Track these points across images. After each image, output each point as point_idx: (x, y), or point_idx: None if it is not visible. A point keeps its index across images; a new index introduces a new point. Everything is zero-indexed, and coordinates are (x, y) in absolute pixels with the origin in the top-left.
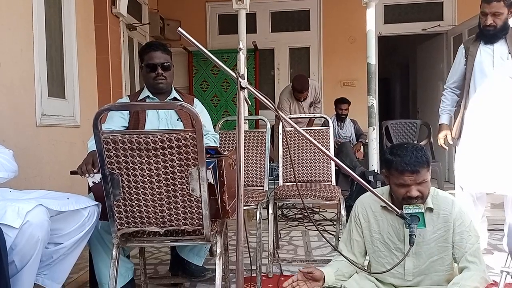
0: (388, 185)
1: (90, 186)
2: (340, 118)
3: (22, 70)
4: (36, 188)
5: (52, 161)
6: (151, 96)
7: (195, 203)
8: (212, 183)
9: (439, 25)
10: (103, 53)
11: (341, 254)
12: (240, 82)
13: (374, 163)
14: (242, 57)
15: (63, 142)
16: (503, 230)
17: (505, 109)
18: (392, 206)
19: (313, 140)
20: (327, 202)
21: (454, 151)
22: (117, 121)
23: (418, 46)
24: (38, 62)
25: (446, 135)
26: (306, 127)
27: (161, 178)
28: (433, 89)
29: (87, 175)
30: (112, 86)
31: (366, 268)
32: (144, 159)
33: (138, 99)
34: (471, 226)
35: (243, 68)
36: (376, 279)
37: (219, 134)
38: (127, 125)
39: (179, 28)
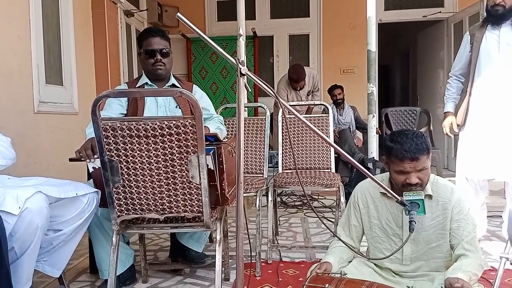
0: (388, 172)
1: (91, 171)
2: (338, 104)
3: (19, 56)
4: (34, 175)
5: (50, 148)
6: (149, 83)
7: (194, 190)
8: (212, 169)
9: (439, 12)
10: (101, 39)
11: (341, 240)
12: (240, 68)
13: (374, 151)
14: (242, 43)
15: (61, 129)
16: (501, 216)
17: (510, 95)
18: (392, 193)
19: (313, 126)
20: (327, 189)
21: (454, 138)
22: (115, 108)
23: (418, 33)
24: (35, 49)
25: (451, 123)
26: (305, 115)
27: (161, 165)
28: (433, 76)
29: (87, 160)
30: (110, 73)
31: (364, 254)
32: (143, 146)
33: (137, 86)
34: (469, 214)
35: (243, 55)
36: (375, 264)
37: None
38: (125, 113)
39: (178, 14)
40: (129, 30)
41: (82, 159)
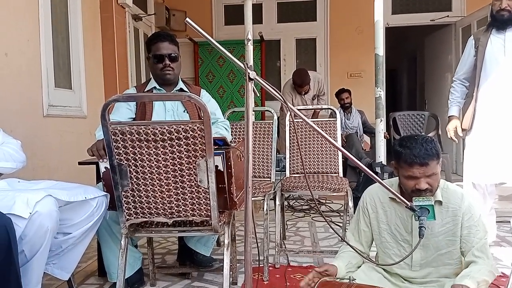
0: (397, 177)
1: (102, 171)
2: (345, 108)
3: (28, 60)
4: (43, 178)
5: (59, 152)
6: (158, 87)
7: (203, 194)
8: (222, 170)
9: (447, 16)
10: (109, 43)
11: (349, 245)
12: (249, 73)
13: (381, 155)
14: (250, 48)
15: (70, 133)
16: (510, 222)
17: None
18: (402, 198)
19: (321, 131)
20: (335, 194)
21: (463, 142)
22: (123, 112)
23: (426, 37)
24: (45, 53)
25: (456, 127)
26: (311, 119)
27: (169, 169)
28: (441, 80)
29: (100, 160)
30: (118, 77)
31: (373, 259)
32: (152, 150)
33: (145, 90)
34: (480, 221)
35: (251, 59)
36: (384, 270)
37: None
38: (134, 117)
39: (187, 18)
40: (137, 34)
41: (95, 159)
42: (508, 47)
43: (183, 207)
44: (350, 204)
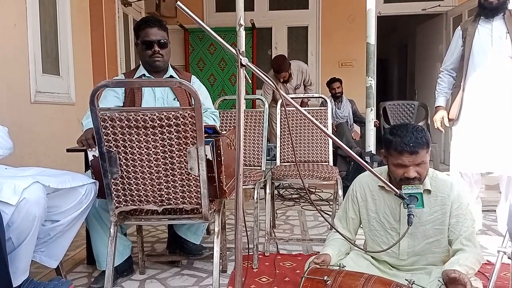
0: (386, 165)
1: (91, 159)
2: (336, 97)
3: (15, 46)
4: (31, 165)
5: (47, 139)
6: (147, 74)
7: (193, 182)
8: (211, 159)
9: (439, 5)
10: (98, 29)
11: (339, 232)
12: (241, 59)
13: (371, 144)
14: (242, 33)
15: (58, 120)
16: (496, 211)
17: (504, 89)
18: (391, 186)
19: (312, 118)
20: (325, 182)
21: (450, 132)
22: (111, 100)
23: (417, 27)
24: (32, 38)
25: (443, 117)
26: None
27: (159, 157)
28: (431, 70)
29: (89, 149)
30: (107, 63)
31: (362, 247)
32: (142, 137)
33: (134, 77)
34: (468, 210)
35: (243, 45)
36: (372, 257)
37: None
38: (122, 105)
39: (178, 2)
40: (126, 20)
41: (84, 147)
42: (495, 37)
43: (173, 194)
44: (340, 192)
